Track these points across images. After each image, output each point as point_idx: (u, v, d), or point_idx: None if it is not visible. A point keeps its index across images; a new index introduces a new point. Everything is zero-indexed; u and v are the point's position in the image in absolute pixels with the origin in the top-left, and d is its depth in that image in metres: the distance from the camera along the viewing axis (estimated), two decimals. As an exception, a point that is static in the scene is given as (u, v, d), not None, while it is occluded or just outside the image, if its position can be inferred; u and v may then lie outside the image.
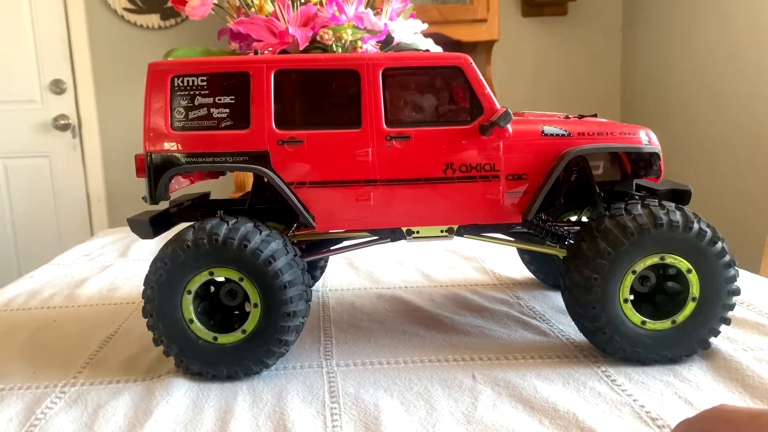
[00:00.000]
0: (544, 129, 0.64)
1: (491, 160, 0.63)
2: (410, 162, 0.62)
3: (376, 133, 0.61)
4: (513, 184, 0.64)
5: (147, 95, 0.62)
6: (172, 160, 0.62)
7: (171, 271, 0.59)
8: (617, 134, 0.65)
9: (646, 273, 0.61)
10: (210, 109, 0.62)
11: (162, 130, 0.61)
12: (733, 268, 0.60)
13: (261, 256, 0.58)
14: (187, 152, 0.62)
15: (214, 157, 0.62)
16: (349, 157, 0.62)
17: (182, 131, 0.61)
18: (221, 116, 0.62)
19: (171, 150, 0.62)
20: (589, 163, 0.71)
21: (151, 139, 0.61)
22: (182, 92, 0.61)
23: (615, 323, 0.60)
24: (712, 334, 0.61)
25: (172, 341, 0.60)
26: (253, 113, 0.61)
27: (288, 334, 0.60)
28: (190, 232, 0.59)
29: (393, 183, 0.62)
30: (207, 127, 0.62)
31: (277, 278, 0.58)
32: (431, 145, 0.62)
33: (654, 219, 0.59)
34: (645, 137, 0.65)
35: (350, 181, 0.62)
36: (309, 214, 0.63)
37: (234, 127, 0.61)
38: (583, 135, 0.64)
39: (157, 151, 0.62)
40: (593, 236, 0.60)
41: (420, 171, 0.62)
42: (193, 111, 0.61)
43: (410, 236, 0.66)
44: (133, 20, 2.79)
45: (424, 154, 0.62)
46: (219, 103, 0.62)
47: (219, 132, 0.61)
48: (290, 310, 0.59)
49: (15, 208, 2.76)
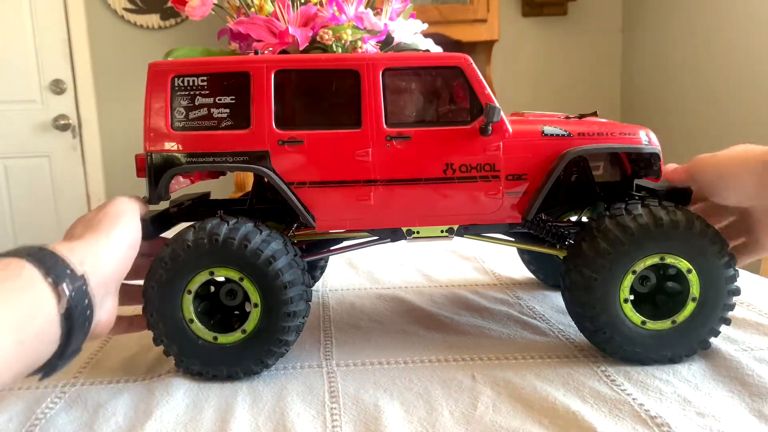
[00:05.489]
0: (544, 129, 0.64)
1: (491, 160, 0.63)
2: (410, 162, 0.62)
3: (376, 134, 0.61)
4: (513, 184, 0.63)
5: (147, 95, 0.62)
6: (173, 160, 0.62)
7: (171, 271, 0.59)
8: (617, 134, 0.64)
9: (646, 273, 0.60)
10: (210, 109, 0.61)
11: (162, 130, 0.61)
12: (733, 268, 0.60)
13: (261, 256, 0.58)
14: (187, 152, 0.61)
15: (214, 157, 0.61)
16: (349, 157, 0.61)
17: (183, 131, 0.61)
18: (221, 116, 0.61)
19: (171, 150, 0.61)
20: (590, 164, 0.71)
21: (151, 139, 0.61)
22: (182, 92, 0.61)
23: (615, 323, 0.60)
24: (712, 334, 0.61)
25: (172, 341, 0.60)
26: (253, 113, 0.61)
27: (288, 334, 0.60)
28: (190, 232, 0.59)
29: (393, 183, 0.62)
30: (207, 127, 0.61)
31: (277, 278, 0.58)
32: (431, 146, 0.62)
33: (654, 219, 0.58)
34: (645, 137, 0.65)
35: (350, 181, 0.62)
36: (309, 215, 0.63)
37: (234, 127, 0.61)
38: (584, 135, 0.64)
39: (157, 151, 0.61)
40: (593, 236, 0.60)
41: (420, 171, 0.62)
42: (194, 111, 0.61)
43: (410, 236, 0.66)
44: (133, 20, 2.79)
45: (424, 155, 0.62)
46: (219, 103, 0.61)
47: (219, 132, 0.61)
48: (290, 310, 0.59)
49: (15, 208, 2.76)
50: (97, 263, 0.52)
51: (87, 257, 0.51)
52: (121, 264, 0.56)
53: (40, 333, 0.45)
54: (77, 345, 0.50)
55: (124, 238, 0.57)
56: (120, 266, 0.56)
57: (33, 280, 0.45)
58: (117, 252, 0.55)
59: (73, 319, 0.47)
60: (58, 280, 0.46)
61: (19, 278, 0.45)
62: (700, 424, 0.49)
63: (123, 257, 0.56)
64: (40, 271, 0.46)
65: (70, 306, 0.47)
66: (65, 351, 0.48)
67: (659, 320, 0.61)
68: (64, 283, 0.47)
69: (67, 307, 0.47)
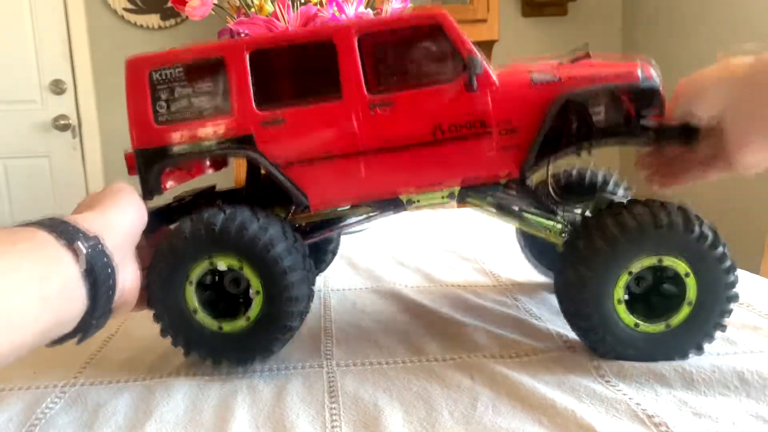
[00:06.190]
0: (532, 77, 0.61)
1: (480, 116, 0.59)
2: (397, 128, 0.59)
3: (359, 103, 0.59)
4: (506, 139, 0.60)
5: (128, 92, 0.61)
6: (160, 154, 0.61)
7: (171, 262, 0.59)
8: (611, 75, 0.61)
9: (642, 274, 0.59)
10: (190, 99, 0.61)
11: (147, 125, 0.61)
12: (733, 274, 0.58)
13: (260, 242, 0.57)
14: (173, 144, 0.61)
15: (200, 147, 0.61)
16: (334, 130, 0.60)
17: (167, 124, 0.61)
18: (202, 104, 0.61)
19: (158, 144, 0.61)
20: (590, 109, 0.64)
21: (137, 135, 0.61)
22: (161, 85, 0.61)
23: (608, 324, 0.59)
24: (707, 339, 0.60)
25: (178, 332, 0.60)
26: (233, 98, 0.60)
27: (292, 319, 0.59)
28: (187, 222, 0.59)
29: (381, 152, 0.60)
30: (190, 118, 0.61)
31: (276, 264, 0.57)
32: (417, 109, 0.59)
33: (654, 219, 0.57)
34: (641, 73, 0.62)
35: (338, 155, 0.60)
36: (302, 194, 0.61)
37: (216, 114, 0.61)
38: (574, 78, 0.60)
39: (144, 147, 0.61)
40: (590, 233, 0.58)
41: (408, 136, 0.60)
42: (175, 103, 0.61)
43: (410, 206, 0.65)
44: (133, 20, 2.79)
45: (411, 119, 0.59)
46: (199, 91, 0.61)
47: (202, 120, 0.61)
48: (292, 296, 0.58)
49: (15, 208, 2.76)
50: (108, 227, 0.52)
51: (96, 223, 0.51)
52: (132, 230, 0.56)
53: (63, 290, 0.45)
54: (106, 306, 0.50)
55: (131, 206, 0.57)
56: (131, 232, 0.56)
57: (47, 243, 0.46)
58: (126, 218, 0.56)
59: (95, 274, 0.48)
60: (72, 240, 0.47)
61: (33, 241, 0.45)
62: (697, 424, 0.49)
63: (133, 223, 0.57)
64: (52, 235, 0.46)
65: (89, 262, 0.47)
66: (94, 311, 0.48)
67: (653, 323, 0.60)
68: (78, 242, 0.47)
69: (87, 265, 0.47)
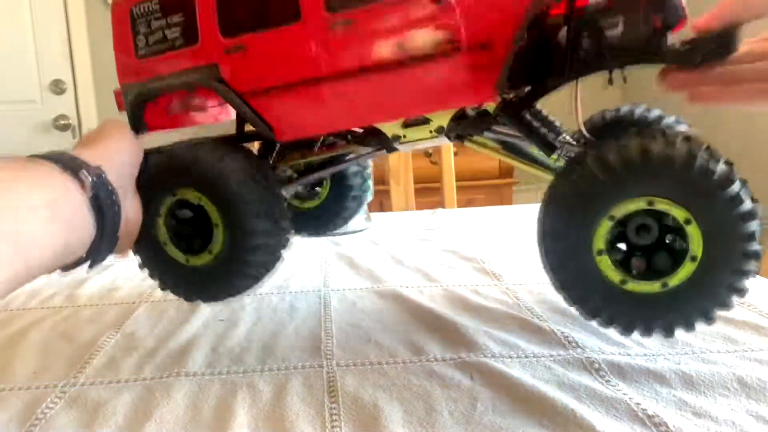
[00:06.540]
0: None
1: (449, 31, 0.53)
2: (359, 50, 0.55)
3: (317, 23, 0.55)
4: (478, 57, 0.53)
5: (113, 31, 0.63)
6: (141, 89, 0.63)
7: (143, 196, 0.60)
8: None
9: (638, 221, 0.50)
10: (164, 31, 0.62)
11: (129, 60, 0.63)
12: (753, 222, 0.46)
13: (214, 174, 0.58)
14: (151, 77, 0.63)
15: (173, 78, 0.62)
16: (293, 55, 0.57)
17: (145, 58, 0.63)
18: (174, 36, 0.62)
19: (138, 78, 0.63)
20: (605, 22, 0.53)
21: (121, 71, 0.63)
22: (141, 19, 0.62)
23: (587, 279, 0.51)
24: (718, 305, 0.50)
25: (153, 265, 0.62)
26: (200, 26, 0.60)
27: (254, 254, 0.59)
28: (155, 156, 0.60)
29: (344, 77, 0.56)
30: (164, 50, 0.62)
31: (234, 196, 0.58)
32: (379, 27, 0.54)
33: (642, 152, 0.46)
34: None
35: (299, 82, 0.58)
36: (266, 125, 0.60)
37: (186, 44, 0.61)
38: None
39: (128, 81, 0.63)
40: (569, 172, 0.51)
41: (371, 59, 0.55)
42: (151, 36, 0.62)
43: (398, 142, 0.63)
44: (133, 20, 2.78)
45: (373, 38, 0.55)
46: (171, 23, 0.62)
47: (174, 52, 0.62)
48: (250, 228, 0.58)
49: (15, 208, 2.76)
50: (108, 160, 0.54)
51: (95, 156, 0.53)
52: (130, 162, 0.58)
53: (72, 215, 0.46)
54: (113, 233, 0.52)
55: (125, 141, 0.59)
56: (129, 165, 0.57)
57: (53, 171, 0.47)
58: (122, 153, 0.57)
59: (101, 201, 0.49)
60: (76, 171, 0.48)
61: (37, 171, 0.46)
62: (698, 424, 0.49)
63: (130, 157, 0.58)
64: (57, 165, 0.48)
65: (94, 191, 0.49)
66: (102, 238, 0.50)
67: (645, 281, 0.50)
68: (82, 171, 0.48)
69: (92, 193, 0.49)
